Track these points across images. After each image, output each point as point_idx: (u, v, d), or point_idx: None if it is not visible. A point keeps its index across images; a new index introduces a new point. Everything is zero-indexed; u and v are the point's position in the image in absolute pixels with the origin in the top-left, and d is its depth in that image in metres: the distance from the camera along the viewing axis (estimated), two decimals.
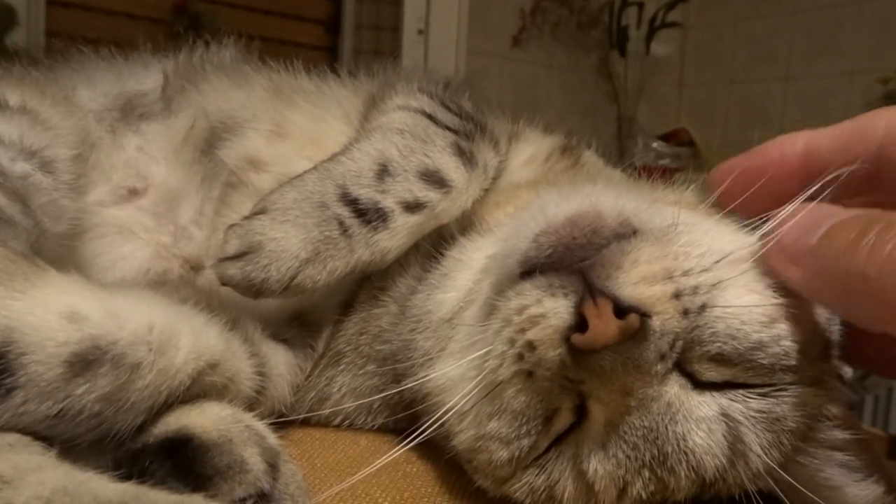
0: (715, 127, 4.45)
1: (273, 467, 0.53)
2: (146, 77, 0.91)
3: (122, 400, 0.50)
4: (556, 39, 4.11)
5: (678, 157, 4.21)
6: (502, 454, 0.56)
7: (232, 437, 0.53)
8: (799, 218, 0.50)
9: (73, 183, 0.73)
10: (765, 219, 0.55)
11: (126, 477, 0.46)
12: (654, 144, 4.23)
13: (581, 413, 0.55)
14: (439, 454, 0.66)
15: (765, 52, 4.29)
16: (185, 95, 0.89)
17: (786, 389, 0.54)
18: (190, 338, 0.55)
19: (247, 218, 0.66)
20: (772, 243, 0.52)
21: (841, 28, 3.94)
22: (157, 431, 0.53)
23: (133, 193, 0.84)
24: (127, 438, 0.52)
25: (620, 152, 4.16)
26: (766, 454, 0.54)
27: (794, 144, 0.56)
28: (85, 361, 0.48)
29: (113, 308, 0.52)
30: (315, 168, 0.70)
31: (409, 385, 0.66)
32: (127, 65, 0.93)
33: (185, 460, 0.51)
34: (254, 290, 0.63)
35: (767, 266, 0.53)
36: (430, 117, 0.76)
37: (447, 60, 3.65)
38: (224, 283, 0.64)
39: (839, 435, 0.59)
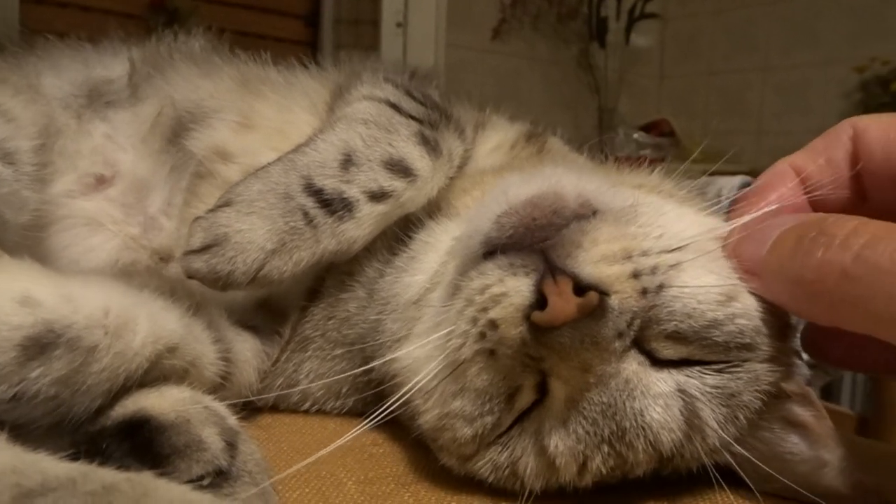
0: (695, 117, 4.48)
1: (231, 446, 0.53)
2: (113, 64, 0.90)
3: (78, 383, 0.50)
4: (537, 31, 4.12)
5: (659, 147, 4.24)
6: (466, 431, 0.57)
7: (190, 417, 0.54)
8: (752, 231, 0.54)
9: (35, 174, 0.72)
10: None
11: (84, 459, 0.46)
12: (636, 135, 4.26)
13: (543, 391, 0.56)
14: (406, 436, 0.67)
15: (744, 43, 4.32)
16: (151, 83, 0.88)
17: (740, 366, 0.55)
18: (147, 321, 0.55)
19: (211, 210, 0.65)
20: (730, 249, 0.56)
21: (817, 18, 3.98)
22: (115, 414, 0.53)
23: (101, 182, 0.83)
24: (85, 422, 0.52)
25: (602, 144, 4.17)
26: (721, 429, 0.55)
27: (784, 180, 0.59)
28: (39, 345, 0.48)
29: (67, 292, 0.52)
30: (280, 159, 0.70)
31: (377, 365, 0.66)
32: (94, 52, 0.93)
33: (142, 441, 0.51)
34: (220, 282, 0.63)
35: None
36: (395, 107, 0.76)
37: (426, 54, 3.65)
38: (190, 276, 0.64)
39: (794, 410, 0.61)
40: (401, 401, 0.59)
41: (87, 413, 0.52)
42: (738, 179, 1.74)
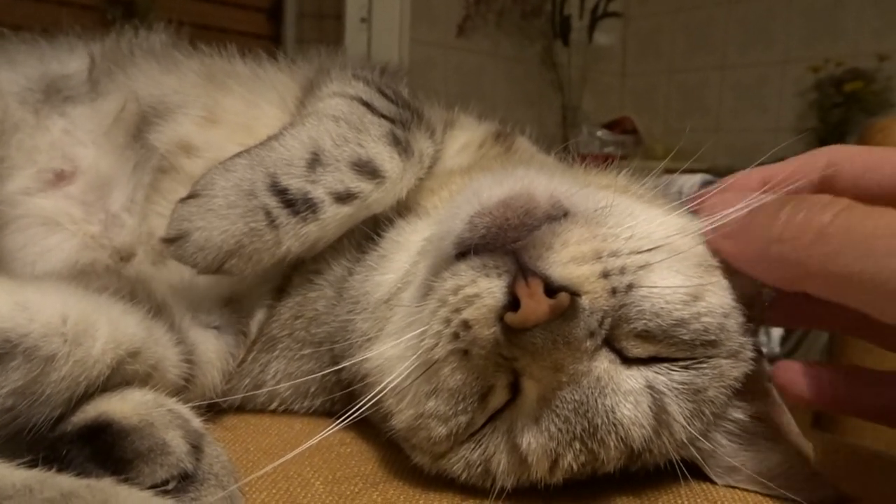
0: (656, 115, 4.55)
1: (196, 449, 0.52)
2: (70, 60, 0.87)
3: (36, 393, 0.49)
4: (501, 29, 4.14)
5: (622, 144, 4.30)
6: (441, 431, 0.57)
7: (153, 420, 0.53)
8: (735, 196, 0.58)
9: None
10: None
11: (43, 465, 0.45)
12: (599, 133, 4.31)
13: (515, 390, 0.56)
14: (374, 435, 0.67)
15: (702, 42, 4.40)
16: (112, 78, 0.86)
17: (706, 362, 0.57)
18: (107, 327, 0.54)
19: (183, 200, 0.65)
20: (711, 226, 0.59)
21: (773, 18, 4.07)
22: (76, 419, 0.52)
23: (60, 178, 0.81)
24: (45, 431, 0.50)
25: (565, 141, 4.21)
26: (688, 423, 0.56)
27: (750, 181, 0.62)
28: None
29: (22, 300, 0.50)
30: (247, 152, 0.69)
31: (347, 366, 0.66)
32: (50, 48, 0.90)
33: (104, 446, 0.50)
34: (192, 269, 0.64)
35: (707, 244, 0.60)
36: (367, 105, 0.75)
37: (390, 50, 3.63)
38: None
39: (755, 404, 0.62)
40: (373, 401, 0.59)
41: (48, 422, 0.50)
42: (698, 177, 1.78)
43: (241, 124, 0.84)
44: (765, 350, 0.65)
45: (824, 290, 0.50)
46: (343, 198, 0.67)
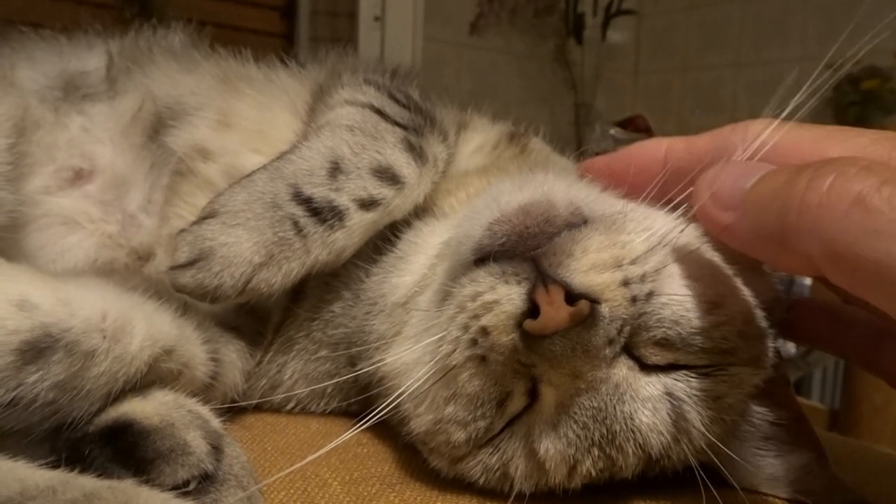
0: (670, 113, 4.52)
1: (217, 449, 0.53)
2: (89, 57, 0.88)
3: (77, 388, 0.49)
4: (514, 26, 4.12)
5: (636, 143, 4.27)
6: (459, 436, 0.57)
7: (174, 421, 0.53)
8: (731, 169, 0.48)
9: (9, 174, 0.71)
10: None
11: (66, 465, 0.45)
12: (612, 131, 4.28)
13: (533, 395, 0.56)
14: (392, 437, 0.67)
15: (717, 40, 4.37)
16: (130, 77, 0.87)
17: (725, 369, 0.56)
18: (144, 324, 0.55)
19: (196, 223, 0.64)
20: (706, 196, 0.49)
21: (789, 15, 4.03)
22: (98, 419, 0.52)
23: (78, 177, 0.82)
24: (68, 428, 0.51)
25: (578, 139, 4.20)
26: (707, 430, 0.56)
27: (657, 149, 0.60)
28: (37, 349, 0.47)
29: (64, 296, 0.51)
30: (264, 167, 0.69)
31: (364, 369, 0.66)
32: (70, 44, 0.90)
33: (125, 446, 0.50)
34: (208, 297, 0.62)
35: (699, 218, 0.51)
36: (380, 112, 0.75)
37: (404, 48, 3.63)
38: (178, 291, 0.63)
39: (774, 410, 0.62)
40: (392, 405, 0.59)
41: (86, 418, 0.51)
42: None
43: (255, 129, 0.84)
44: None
45: (849, 277, 0.39)
46: (367, 204, 0.68)
